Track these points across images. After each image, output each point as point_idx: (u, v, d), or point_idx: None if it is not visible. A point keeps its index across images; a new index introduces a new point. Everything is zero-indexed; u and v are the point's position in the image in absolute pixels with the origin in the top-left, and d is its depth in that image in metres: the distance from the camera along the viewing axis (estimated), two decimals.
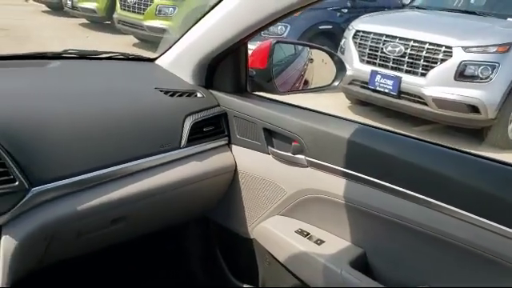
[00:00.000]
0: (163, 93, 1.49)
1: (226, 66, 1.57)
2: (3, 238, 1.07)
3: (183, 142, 1.43)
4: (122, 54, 1.80)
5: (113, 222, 1.32)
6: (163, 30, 7.52)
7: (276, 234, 1.46)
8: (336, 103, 5.90)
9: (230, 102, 1.55)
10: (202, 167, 1.48)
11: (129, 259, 1.80)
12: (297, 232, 1.42)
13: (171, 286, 1.89)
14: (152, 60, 1.73)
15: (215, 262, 1.76)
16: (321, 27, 6.96)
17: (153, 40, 7.87)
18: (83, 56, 1.70)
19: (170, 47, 1.66)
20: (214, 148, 1.53)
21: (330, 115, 1.46)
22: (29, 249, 1.12)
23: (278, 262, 1.47)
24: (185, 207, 1.57)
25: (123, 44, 8.18)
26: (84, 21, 9.96)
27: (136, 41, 8.57)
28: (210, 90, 1.59)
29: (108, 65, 1.71)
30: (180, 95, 1.51)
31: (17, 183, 1.08)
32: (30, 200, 1.10)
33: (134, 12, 7.83)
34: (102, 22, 9.51)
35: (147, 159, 1.34)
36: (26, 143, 1.12)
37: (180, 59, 1.60)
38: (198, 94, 1.55)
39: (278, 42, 1.59)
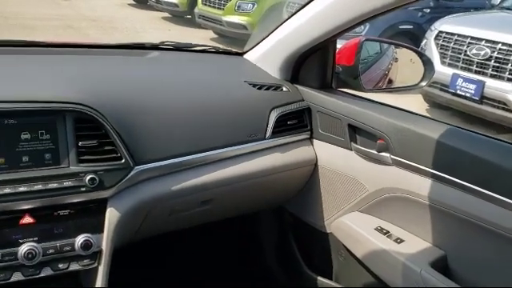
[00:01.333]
0: (251, 86, 1.55)
1: (313, 62, 1.61)
2: (108, 209, 1.18)
3: (268, 133, 1.49)
4: (213, 47, 1.90)
5: (202, 203, 1.41)
6: (241, 26, 7.68)
7: (354, 229, 1.48)
8: (414, 105, 5.74)
9: (315, 97, 1.59)
10: (284, 159, 1.53)
11: (205, 242, 1.90)
12: (376, 229, 1.44)
13: (244, 271, 1.96)
14: (241, 54, 1.81)
15: (289, 252, 1.81)
16: (401, 27, 6.79)
17: (230, 35, 8.05)
18: (178, 48, 1.81)
19: (259, 43, 1.73)
20: (297, 141, 1.58)
21: (418, 115, 1.46)
22: (128, 222, 1.23)
23: (355, 257, 1.49)
24: (264, 196, 1.63)
25: (201, 38, 8.43)
26: (166, 14, 10.37)
27: (214, 35, 8.80)
28: (296, 85, 1.64)
29: (201, 57, 1.81)
30: (267, 88, 1.57)
31: (123, 161, 1.19)
32: (133, 177, 1.21)
33: (215, 7, 8.05)
34: (183, 16, 9.87)
35: (236, 147, 1.42)
36: (131, 126, 1.23)
37: (268, 54, 1.66)
38: (284, 88, 1.60)
39: (367, 40, 1.60)
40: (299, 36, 1.53)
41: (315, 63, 1.61)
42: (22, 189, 1.09)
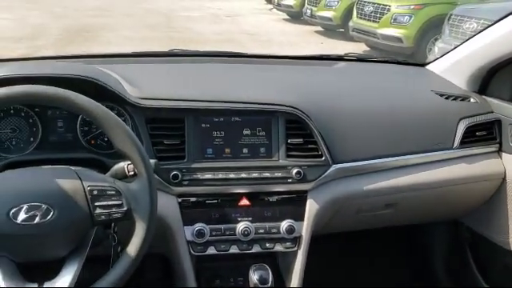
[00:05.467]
0: (439, 95, 1.58)
1: (506, 75, 1.58)
2: (309, 200, 1.33)
3: (456, 143, 1.50)
4: (394, 58, 1.97)
5: (386, 206, 1.48)
6: (397, 39, 7.54)
7: None
8: None
9: (507, 109, 1.55)
10: (469, 170, 1.53)
11: (372, 247, 1.95)
12: None
13: (410, 280, 1.97)
14: (422, 65, 1.85)
15: (464, 266, 1.78)
16: None
17: (384, 48, 7.95)
18: (361, 59, 1.92)
19: (444, 54, 1.75)
20: (484, 153, 1.56)
21: None
22: (323, 214, 1.36)
23: None
24: (445, 206, 1.64)
25: (352, 51, 8.47)
26: (318, 28, 10.64)
27: (366, 48, 8.78)
28: (484, 96, 1.63)
29: (383, 67, 1.89)
30: (454, 99, 1.59)
31: (323, 158, 1.33)
32: (330, 174, 1.34)
33: (370, 20, 8.03)
34: (335, 29, 10.01)
35: (423, 155, 1.46)
36: (332, 128, 1.36)
37: (456, 65, 1.67)
38: (472, 99, 1.60)
39: None
40: (493, 49, 1.53)
41: (508, 76, 1.58)
42: (243, 175, 1.29)
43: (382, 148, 1.42)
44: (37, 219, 0.90)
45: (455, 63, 1.68)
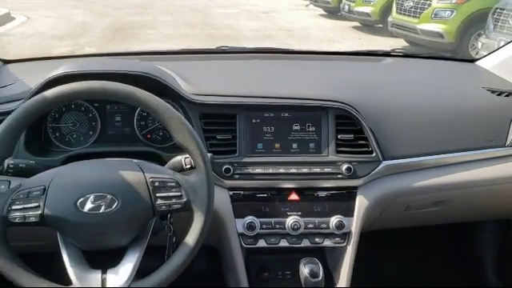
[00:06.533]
0: (490, 92, 1.55)
1: None
2: (358, 197, 1.33)
3: (509, 141, 1.47)
4: (441, 55, 1.95)
5: (435, 203, 1.47)
6: (438, 34, 7.36)
7: None
8: None
9: None
10: None
11: (420, 244, 1.94)
12: None
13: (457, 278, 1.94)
14: (472, 61, 1.81)
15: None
16: None
17: (424, 44, 7.78)
18: (407, 55, 1.90)
19: (496, 50, 1.71)
20: None
21: None
22: (372, 211, 1.36)
23: None
24: (496, 205, 1.60)
25: (391, 47, 8.32)
26: (355, 24, 10.51)
27: (405, 44, 8.62)
28: None
29: (431, 63, 1.86)
30: (507, 95, 1.55)
31: (373, 155, 1.33)
32: (380, 170, 1.34)
33: (410, 16, 7.87)
34: (373, 24, 9.87)
35: (474, 152, 1.44)
36: (382, 124, 1.36)
37: (509, 61, 1.63)
38: None
39: None
40: None
41: None
42: (293, 170, 1.31)
43: (432, 145, 1.41)
44: (102, 209, 0.94)
45: (508, 59, 1.64)
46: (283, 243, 1.31)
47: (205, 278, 1.72)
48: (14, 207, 0.93)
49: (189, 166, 1.08)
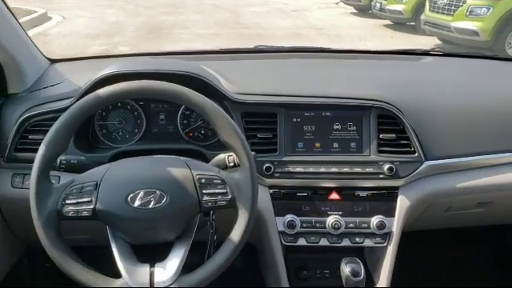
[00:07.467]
0: None
1: None
2: (400, 197, 1.33)
3: None
4: (482, 53, 1.91)
5: (478, 204, 1.44)
6: (473, 32, 7.19)
7: None
8: None
9: None
10: None
11: (459, 246, 1.90)
12: None
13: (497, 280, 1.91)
14: None
15: None
16: None
17: (458, 42, 7.61)
18: (447, 54, 1.87)
19: None
20: None
21: None
22: (413, 211, 1.35)
23: None
24: None
25: (423, 45, 8.18)
26: (387, 22, 10.36)
27: (438, 42, 8.46)
28: None
29: (472, 62, 1.83)
30: None
31: (416, 155, 1.32)
32: (422, 171, 1.33)
33: (444, 13, 7.71)
34: (405, 23, 9.71)
35: None
36: (425, 124, 1.35)
37: None
38: None
39: None
40: None
41: None
42: (333, 169, 1.31)
43: (475, 145, 1.39)
44: (151, 204, 0.97)
45: None
46: (323, 242, 1.31)
47: (242, 276, 1.74)
48: (67, 201, 0.96)
49: (232, 164, 1.10)
